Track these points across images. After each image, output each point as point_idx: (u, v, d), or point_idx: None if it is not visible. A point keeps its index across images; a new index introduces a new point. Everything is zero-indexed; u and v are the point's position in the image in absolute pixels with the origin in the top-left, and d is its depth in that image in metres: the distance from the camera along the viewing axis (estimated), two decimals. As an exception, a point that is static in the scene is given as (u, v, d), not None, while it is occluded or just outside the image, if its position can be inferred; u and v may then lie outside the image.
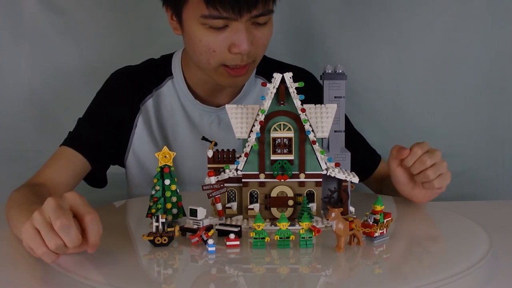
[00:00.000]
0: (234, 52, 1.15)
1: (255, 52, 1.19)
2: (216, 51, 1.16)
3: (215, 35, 1.15)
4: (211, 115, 1.32)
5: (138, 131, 1.32)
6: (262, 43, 1.19)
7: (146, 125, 1.32)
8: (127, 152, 1.33)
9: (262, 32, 1.18)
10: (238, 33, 1.14)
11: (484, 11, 1.62)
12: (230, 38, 1.15)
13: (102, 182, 1.35)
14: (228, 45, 1.15)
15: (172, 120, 1.33)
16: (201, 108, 1.32)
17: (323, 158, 0.97)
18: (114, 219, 1.09)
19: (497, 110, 1.67)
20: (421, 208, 1.15)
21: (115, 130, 1.30)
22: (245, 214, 0.99)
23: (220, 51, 1.16)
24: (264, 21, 1.16)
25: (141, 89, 1.33)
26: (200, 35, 1.16)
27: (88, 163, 1.25)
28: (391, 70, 1.66)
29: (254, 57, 1.20)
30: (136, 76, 1.34)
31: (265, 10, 1.14)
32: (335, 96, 1.05)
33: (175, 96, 1.33)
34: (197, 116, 1.33)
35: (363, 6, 1.63)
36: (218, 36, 1.15)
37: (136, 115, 1.31)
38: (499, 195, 1.65)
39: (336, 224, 0.85)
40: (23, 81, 1.64)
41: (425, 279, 0.77)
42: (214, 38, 1.15)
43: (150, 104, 1.32)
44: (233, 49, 1.15)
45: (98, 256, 0.89)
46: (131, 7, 1.63)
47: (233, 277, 0.79)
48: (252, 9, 1.12)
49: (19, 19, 1.61)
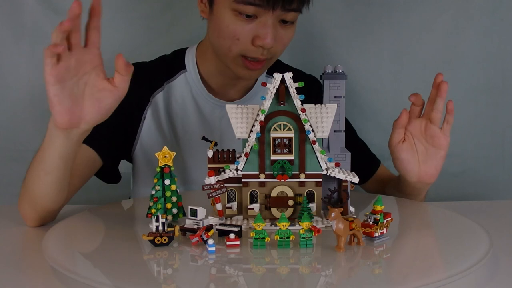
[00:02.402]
0: (257, 44, 1.17)
1: (275, 50, 1.21)
2: (240, 39, 1.18)
3: (242, 24, 1.17)
4: (222, 109, 1.33)
5: (146, 124, 1.32)
6: (283, 43, 1.22)
7: (155, 118, 1.33)
8: (135, 145, 1.33)
9: (286, 32, 1.20)
10: (265, 26, 1.16)
11: (484, 11, 1.62)
12: (256, 30, 1.17)
13: (115, 177, 1.35)
14: (253, 36, 1.17)
15: (183, 113, 1.34)
16: (213, 101, 1.33)
17: (323, 158, 0.97)
18: (114, 219, 1.09)
19: (497, 110, 1.67)
20: (421, 208, 1.15)
21: (124, 123, 1.30)
22: (245, 214, 0.99)
23: (244, 41, 1.18)
24: (291, 20, 1.19)
25: (152, 82, 1.33)
26: (229, 20, 1.18)
27: (98, 157, 1.25)
28: (391, 70, 1.66)
29: (273, 54, 1.22)
30: (148, 70, 1.34)
31: (296, 8, 1.18)
32: (335, 96, 1.06)
33: (187, 89, 1.34)
34: (208, 110, 1.34)
35: (363, 6, 1.63)
36: (245, 26, 1.17)
37: (145, 107, 1.32)
38: (499, 195, 1.65)
39: (336, 224, 0.85)
40: (23, 81, 1.64)
41: (425, 279, 0.77)
42: (241, 26, 1.17)
43: (160, 97, 1.33)
44: (257, 41, 1.17)
45: (98, 256, 0.89)
46: (131, 7, 1.63)
47: (233, 277, 0.79)
48: (286, 5, 1.15)
49: (19, 19, 1.61)
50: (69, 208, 1.18)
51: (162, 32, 1.63)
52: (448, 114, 1.17)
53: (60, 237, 0.96)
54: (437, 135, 1.16)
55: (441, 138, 1.16)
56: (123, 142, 1.32)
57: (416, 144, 1.17)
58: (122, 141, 1.32)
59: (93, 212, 1.14)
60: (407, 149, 1.17)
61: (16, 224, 1.11)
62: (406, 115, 1.17)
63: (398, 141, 1.17)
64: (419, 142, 1.17)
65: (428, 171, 1.17)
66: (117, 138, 1.29)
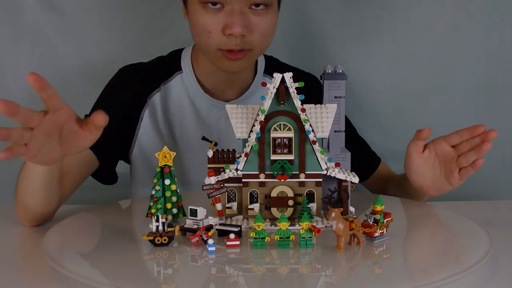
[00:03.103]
0: (227, 33, 1.16)
1: (250, 39, 1.19)
2: (212, 32, 1.17)
3: (211, 16, 1.16)
4: (219, 109, 1.33)
5: (144, 125, 1.32)
6: (259, 31, 1.19)
7: (153, 118, 1.33)
8: (133, 146, 1.33)
9: (260, 19, 1.18)
10: (232, 14, 1.15)
11: (484, 11, 1.62)
12: (224, 19, 1.16)
13: (112, 178, 1.35)
14: (222, 26, 1.17)
15: (180, 114, 1.34)
16: (209, 102, 1.33)
17: (323, 158, 0.97)
18: (114, 219, 1.09)
19: (497, 110, 1.67)
20: (421, 208, 1.15)
21: (121, 123, 1.30)
22: (245, 214, 0.99)
23: (216, 33, 1.17)
24: (263, 2, 1.17)
25: (149, 83, 1.33)
26: (199, 14, 1.18)
27: (95, 158, 1.25)
28: (391, 70, 1.66)
29: (250, 44, 1.20)
30: (144, 70, 1.35)
31: None
32: (335, 96, 1.06)
33: (183, 90, 1.33)
34: (205, 110, 1.34)
35: (363, 6, 1.63)
36: (214, 17, 1.16)
37: (143, 108, 1.32)
38: (499, 195, 1.65)
39: (336, 224, 0.85)
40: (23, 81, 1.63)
41: (425, 279, 0.77)
42: (210, 18, 1.17)
43: (157, 98, 1.33)
44: (226, 30, 1.16)
45: (98, 256, 0.89)
46: (131, 7, 1.63)
47: (233, 277, 0.79)
48: None
49: (19, 19, 1.61)
50: (68, 208, 1.18)
51: (161, 32, 1.63)
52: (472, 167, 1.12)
53: (60, 237, 0.96)
54: (454, 174, 1.13)
55: (455, 179, 1.13)
56: (120, 142, 1.32)
57: (434, 162, 1.15)
58: (119, 142, 1.32)
59: (92, 212, 1.14)
60: (424, 160, 1.14)
61: (16, 224, 1.11)
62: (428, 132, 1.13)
63: (414, 150, 1.14)
64: (439, 165, 1.14)
65: (431, 189, 1.16)
66: (114, 138, 1.29)
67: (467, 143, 1.12)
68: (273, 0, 1.20)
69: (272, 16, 1.21)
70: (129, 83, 1.33)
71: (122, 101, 1.31)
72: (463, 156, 1.12)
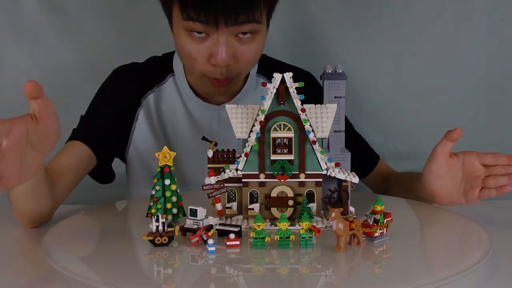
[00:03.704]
0: (212, 63, 1.15)
1: (235, 67, 1.17)
2: (197, 59, 1.16)
3: (196, 44, 1.15)
4: (211, 112, 1.33)
5: (139, 125, 1.32)
6: (246, 58, 1.17)
7: (148, 119, 1.33)
8: (128, 145, 1.34)
9: (247, 47, 1.16)
10: (217, 44, 1.13)
11: (484, 11, 1.62)
12: (209, 49, 1.14)
13: (109, 177, 1.35)
14: (208, 56, 1.15)
15: (173, 117, 1.34)
16: (201, 105, 1.33)
17: (323, 158, 0.97)
18: (114, 219, 1.09)
19: (497, 110, 1.67)
20: (421, 208, 1.15)
21: (116, 122, 1.31)
22: (245, 214, 0.99)
23: (201, 61, 1.16)
24: (248, 30, 1.13)
25: (143, 83, 1.33)
26: (184, 40, 1.16)
27: (93, 154, 1.25)
28: (391, 70, 1.66)
29: (236, 72, 1.19)
30: (138, 71, 1.35)
31: (247, 20, 1.11)
32: (335, 96, 1.05)
33: (176, 93, 1.33)
34: (198, 113, 1.33)
35: (363, 6, 1.63)
36: (199, 46, 1.15)
37: (137, 108, 1.32)
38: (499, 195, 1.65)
39: (336, 224, 0.85)
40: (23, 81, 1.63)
41: (425, 279, 0.77)
42: (195, 46, 1.15)
43: (151, 99, 1.33)
44: (211, 60, 1.15)
45: (98, 256, 0.89)
46: (131, 7, 1.63)
47: (233, 277, 0.79)
48: (229, 21, 1.10)
49: (19, 19, 1.61)
50: (68, 208, 1.18)
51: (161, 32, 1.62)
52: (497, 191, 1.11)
53: (60, 237, 0.96)
54: (474, 191, 1.12)
55: (473, 196, 1.12)
56: (116, 141, 1.32)
57: (458, 173, 1.12)
58: (116, 141, 1.32)
59: (92, 212, 1.14)
60: (448, 166, 1.11)
61: (16, 224, 1.11)
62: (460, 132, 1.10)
63: (442, 152, 1.11)
64: (462, 176, 1.13)
65: (444, 198, 1.13)
66: (111, 137, 1.30)
67: (502, 167, 1.10)
68: (260, 27, 1.16)
69: (259, 41, 1.18)
70: (123, 83, 1.33)
71: (117, 101, 1.31)
72: (492, 177, 1.10)
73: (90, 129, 1.28)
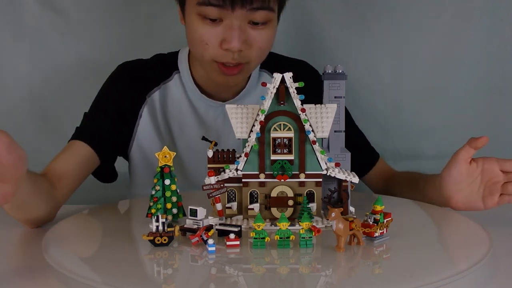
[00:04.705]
0: (224, 48, 1.15)
1: (247, 53, 1.18)
2: (209, 44, 1.17)
3: (209, 28, 1.15)
4: (216, 109, 1.33)
5: (143, 122, 1.32)
6: (258, 46, 1.18)
7: (152, 116, 1.33)
8: (131, 143, 1.33)
9: (258, 34, 1.17)
10: (230, 29, 1.14)
11: (484, 11, 1.62)
12: (223, 33, 1.15)
13: (111, 176, 1.35)
14: (220, 40, 1.15)
15: (179, 114, 1.34)
16: (207, 102, 1.33)
17: (323, 158, 0.97)
18: (114, 219, 1.09)
19: (497, 110, 1.67)
20: (421, 208, 1.15)
21: (119, 119, 1.30)
22: (245, 214, 0.99)
23: (212, 45, 1.16)
24: (261, 20, 1.15)
25: (148, 80, 1.33)
26: (196, 26, 1.16)
27: (95, 154, 1.25)
28: (391, 70, 1.66)
29: (247, 58, 1.19)
30: (143, 68, 1.35)
31: (261, 6, 1.13)
32: (335, 96, 1.05)
33: (182, 91, 1.33)
34: (203, 110, 1.34)
35: (363, 6, 1.63)
36: (212, 30, 1.15)
37: (141, 105, 1.32)
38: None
39: (336, 224, 0.85)
40: (23, 81, 1.64)
41: (425, 279, 0.77)
42: (208, 30, 1.15)
43: (156, 96, 1.33)
44: (224, 45, 1.15)
45: (98, 256, 0.89)
46: (131, 7, 1.63)
47: (233, 277, 0.79)
48: (246, 4, 1.11)
49: (19, 19, 1.61)
50: (68, 208, 1.18)
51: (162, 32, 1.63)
52: None
53: (60, 237, 0.96)
54: (494, 197, 1.11)
55: (493, 201, 1.11)
56: (119, 139, 1.32)
57: (476, 178, 1.12)
58: (118, 139, 1.32)
59: (92, 212, 1.14)
60: (468, 171, 1.11)
61: (16, 224, 1.11)
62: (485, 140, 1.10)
63: (464, 158, 1.10)
64: (479, 182, 1.12)
65: (460, 203, 1.13)
66: (113, 135, 1.29)
67: None
68: (273, 16, 1.18)
69: (271, 30, 1.20)
70: (127, 80, 1.33)
71: (120, 98, 1.31)
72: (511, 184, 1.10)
73: (93, 128, 1.27)
